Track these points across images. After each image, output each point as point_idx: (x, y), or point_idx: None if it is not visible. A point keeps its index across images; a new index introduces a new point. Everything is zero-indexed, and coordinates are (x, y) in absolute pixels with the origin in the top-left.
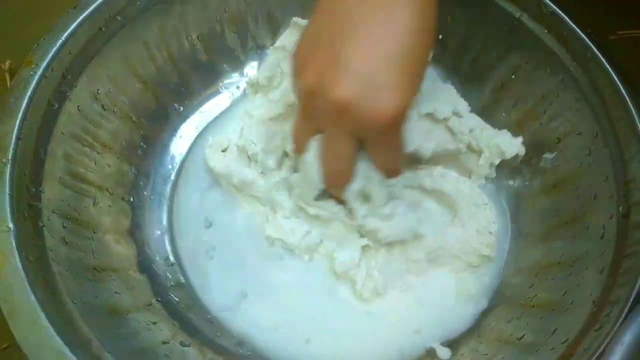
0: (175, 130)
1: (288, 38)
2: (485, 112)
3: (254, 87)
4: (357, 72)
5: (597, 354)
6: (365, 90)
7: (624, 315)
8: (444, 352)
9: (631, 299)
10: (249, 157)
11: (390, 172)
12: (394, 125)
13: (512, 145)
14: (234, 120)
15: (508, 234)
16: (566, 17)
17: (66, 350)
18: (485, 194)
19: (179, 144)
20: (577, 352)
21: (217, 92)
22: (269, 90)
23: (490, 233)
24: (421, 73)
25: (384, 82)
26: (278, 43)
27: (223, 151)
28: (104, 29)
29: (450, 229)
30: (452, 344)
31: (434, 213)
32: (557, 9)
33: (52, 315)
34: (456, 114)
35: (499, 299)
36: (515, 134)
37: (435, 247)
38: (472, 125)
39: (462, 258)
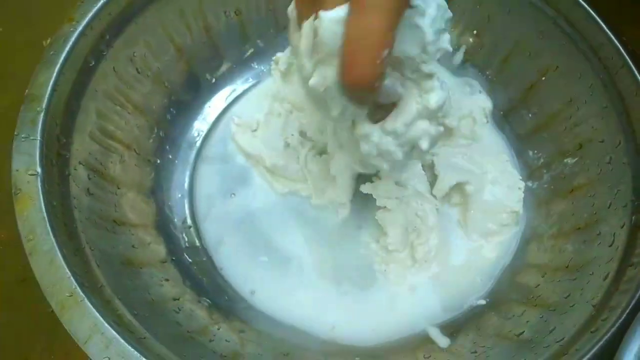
0: (205, 99)
1: None
2: (512, 111)
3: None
4: None
5: (589, 355)
6: None
7: (621, 320)
8: (443, 341)
9: (630, 306)
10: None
11: (350, 56)
12: None
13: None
14: (262, 98)
15: (521, 233)
16: (602, 23)
17: (78, 290)
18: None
19: (208, 114)
20: (570, 351)
21: (250, 68)
22: (288, 74)
23: (519, 188)
24: None
25: None
26: None
27: (254, 131)
28: None
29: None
30: (452, 334)
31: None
32: (593, 13)
33: (69, 257)
34: None
35: (504, 295)
36: (539, 136)
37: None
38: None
39: (492, 215)
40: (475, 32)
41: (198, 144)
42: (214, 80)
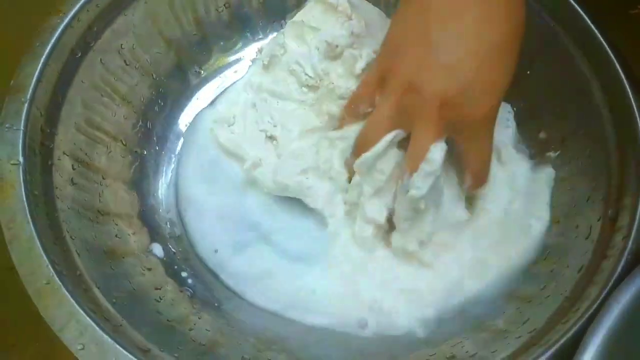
0: (193, 91)
1: (308, 13)
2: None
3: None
4: (458, 69)
5: (557, 345)
6: (468, 87)
7: (590, 311)
8: (420, 331)
9: (601, 298)
10: (267, 137)
11: (480, 174)
12: (490, 120)
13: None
14: (242, 91)
15: None
16: (585, 16)
17: (55, 278)
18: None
19: (195, 106)
20: (540, 342)
21: (239, 59)
22: (271, 65)
23: None
24: (512, 73)
25: (483, 80)
26: (297, 17)
27: (230, 126)
28: None
29: None
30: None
31: None
32: (575, 6)
33: (48, 246)
34: None
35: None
36: (525, 129)
37: None
38: None
39: None
40: None
41: (185, 135)
42: (202, 72)
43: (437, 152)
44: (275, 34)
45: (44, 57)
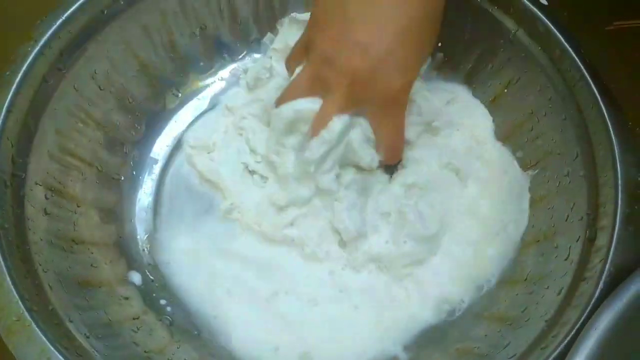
0: (171, 114)
1: (288, 35)
2: None
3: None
4: (370, 47)
5: None
6: (379, 65)
7: (569, 337)
8: (404, 357)
9: (579, 323)
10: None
11: (392, 150)
12: (400, 97)
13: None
14: (221, 116)
15: None
16: (560, 36)
17: (26, 314)
18: None
19: (173, 129)
20: None
21: (216, 81)
22: (256, 89)
23: None
24: (425, 55)
25: (396, 59)
26: (278, 43)
27: (209, 153)
28: (105, 11)
29: None
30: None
31: None
32: (552, 27)
33: (19, 281)
34: None
35: (468, 308)
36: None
37: None
38: None
39: None
40: (440, 44)
41: (164, 159)
42: (180, 94)
43: (338, 123)
44: (254, 55)
45: (14, 86)
